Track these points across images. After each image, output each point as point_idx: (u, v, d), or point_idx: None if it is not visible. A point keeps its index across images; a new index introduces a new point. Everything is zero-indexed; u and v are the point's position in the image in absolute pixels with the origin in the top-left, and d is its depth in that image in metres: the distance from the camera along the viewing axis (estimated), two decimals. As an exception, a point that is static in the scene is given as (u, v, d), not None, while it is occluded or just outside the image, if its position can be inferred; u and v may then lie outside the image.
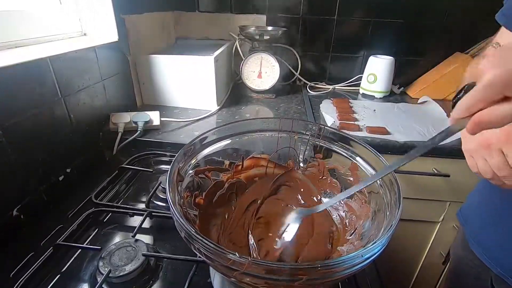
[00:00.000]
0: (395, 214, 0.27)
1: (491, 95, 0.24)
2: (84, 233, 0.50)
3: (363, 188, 0.36)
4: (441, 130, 0.28)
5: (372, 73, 1.15)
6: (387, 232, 0.25)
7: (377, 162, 0.36)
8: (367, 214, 0.35)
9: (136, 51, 0.90)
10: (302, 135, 0.43)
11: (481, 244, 0.54)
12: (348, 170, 0.40)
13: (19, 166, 0.52)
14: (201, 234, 0.24)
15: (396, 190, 0.30)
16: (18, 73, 0.51)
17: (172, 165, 0.32)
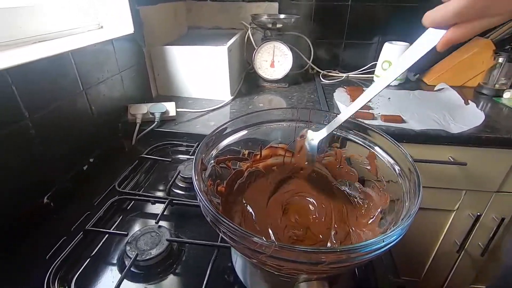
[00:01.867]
0: (414, 202, 0.28)
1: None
2: (110, 220, 0.53)
3: (382, 176, 0.37)
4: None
5: (387, 60, 1.13)
6: (407, 219, 0.26)
7: (395, 150, 0.37)
8: (385, 202, 0.36)
9: (151, 42, 0.91)
10: (319, 125, 0.44)
11: None
12: (365, 159, 0.40)
13: (47, 156, 0.55)
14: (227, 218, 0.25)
15: (416, 178, 0.31)
16: (43, 67, 0.53)
17: (196, 155, 0.34)
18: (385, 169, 0.37)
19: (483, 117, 0.83)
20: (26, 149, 0.50)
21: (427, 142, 0.82)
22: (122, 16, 0.78)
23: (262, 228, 0.38)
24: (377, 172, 0.39)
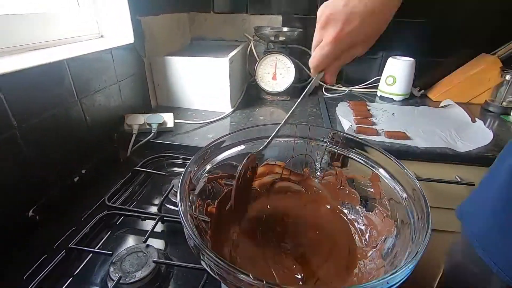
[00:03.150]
0: (423, 238, 0.25)
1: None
2: (96, 236, 0.50)
3: (385, 201, 0.34)
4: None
5: (391, 75, 1.11)
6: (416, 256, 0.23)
7: (401, 173, 0.34)
8: (389, 230, 0.33)
9: (151, 52, 0.90)
10: (319, 142, 0.41)
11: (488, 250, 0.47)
12: (368, 181, 0.38)
13: (36, 167, 0.52)
14: (212, 250, 0.23)
15: (424, 206, 0.28)
16: (36, 75, 0.51)
17: (184, 174, 0.31)
18: (390, 192, 0.34)
19: (491, 136, 0.80)
20: (13, 159, 0.48)
21: (433, 160, 0.78)
22: (122, 25, 0.77)
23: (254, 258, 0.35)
24: (381, 195, 0.36)
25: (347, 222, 0.39)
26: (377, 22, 0.32)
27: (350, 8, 0.31)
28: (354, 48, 0.34)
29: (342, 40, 0.32)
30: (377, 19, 0.32)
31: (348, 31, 0.31)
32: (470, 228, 0.50)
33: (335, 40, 0.32)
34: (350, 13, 0.31)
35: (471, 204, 0.55)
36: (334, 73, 0.37)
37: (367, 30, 0.32)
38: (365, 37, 0.33)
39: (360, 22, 0.31)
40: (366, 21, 0.31)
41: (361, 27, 0.31)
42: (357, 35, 0.32)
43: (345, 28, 0.31)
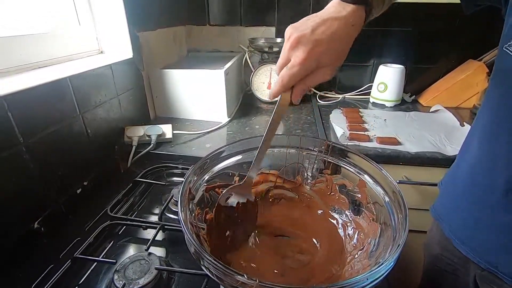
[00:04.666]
0: (401, 234, 0.28)
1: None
2: (100, 246, 0.52)
3: (371, 205, 0.36)
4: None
5: (382, 82, 1.15)
6: (393, 254, 0.25)
7: (385, 179, 0.37)
8: (375, 232, 0.35)
9: (149, 66, 0.93)
10: (310, 151, 0.44)
11: (465, 242, 0.51)
12: (356, 187, 0.40)
13: (41, 180, 0.55)
14: (210, 254, 0.25)
15: (402, 207, 0.30)
16: (41, 93, 0.54)
17: (183, 184, 0.34)
18: (374, 196, 0.37)
19: (478, 140, 0.83)
20: (19, 174, 0.51)
21: (424, 164, 0.81)
22: (121, 41, 0.80)
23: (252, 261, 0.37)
24: (367, 200, 0.38)
25: (337, 226, 0.41)
26: (340, 48, 0.36)
27: (318, 34, 0.34)
28: (320, 71, 0.36)
29: (309, 62, 0.35)
30: (340, 45, 0.36)
31: (315, 54, 0.34)
32: (446, 225, 0.54)
33: (303, 62, 0.34)
34: (317, 40, 0.34)
35: (443, 204, 0.58)
36: (300, 94, 0.38)
37: (332, 54, 0.35)
38: (330, 60, 0.36)
39: (326, 48, 0.35)
40: (331, 47, 0.35)
41: (326, 51, 0.35)
42: (323, 59, 0.35)
43: (313, 51, 0.34)
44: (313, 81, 0.37)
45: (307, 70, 0.35)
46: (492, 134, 0.44)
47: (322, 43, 0.34)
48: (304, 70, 0.35)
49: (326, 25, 0.35)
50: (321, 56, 0.35)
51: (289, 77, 0.35)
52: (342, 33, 0.35)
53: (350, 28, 0.36)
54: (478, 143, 0.47)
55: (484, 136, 0.46)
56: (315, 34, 0.34)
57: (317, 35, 0.34)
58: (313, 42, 0.34)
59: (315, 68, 0.36)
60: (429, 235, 0.66)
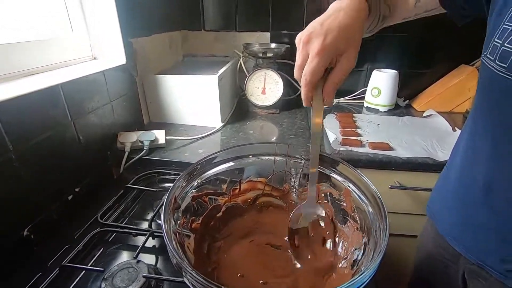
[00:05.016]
0: (382, 242, 0.28)
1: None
2: (89, 253, 0.52)
3: (356, 214, 0.37)
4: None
5: (376, 87, 1.15)
6: (375, 261, 0.25)
7: (367, 186, 0.37)
8: (358, 242, 0.35)
9: (144, 71, 0.94)
10: (297, 159, 0.44)
11: (456, 238, 0.52)
12: (342, 196, 0.40)
13: (31, 187, 0.55)
14: (193, 266, 0.25)
15: (383, 216, 0.31)
16: (32, 100, 0.54)
17: (168, 194, 0.34)
18: (359, 205, 0.37)
19: (468, 145, 0.84)
20: (9, 181, 0.51)
21: (415, 169, 0.82)
22: (114, 48, 0.81)
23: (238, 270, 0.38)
24: (352, 209, 0.39)
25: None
26: (352, 33, 0.37)
27: (326, 25, 0.36)
28: (341, 60, 0.37)
29: (327, 50, 0.35)
30: (351, 30, 0.37)
31: (330, 41, 0.35)
32: (440, 223, 0.56)
33: (321, 51, 0.35)
34: (327, 29, 0.36)
35: (435, 203, 0.59)
36: (332, 92, 0.37)
37: (345, 39, 0.36)
38: (345, 45, 0.36)
39: (337, 33, 0.36)
40: (342, 33, 0.36)
41: (339, 37, 0.36)
42: (338, 44, 0.36)
43: (327, 39, 0.35)
44: (340, 72, 0.37)
45: (327, 60, 0.36)
46: (473, 134, 0.46)
47: (333, 31, 0.36)
48: (324, 61, 0.35)
49: (331, 18, 0.37)
50: (336, 42, 0.35)
51: (312, 72, 0.35)
52: (348, 20, 0.37)
53: (355, 13, 0.38)
54: (464, 143, 0.49)
55: (469, 136, 0.48)
56: (324, 26, 0.36)
57: (326, 26, 0.36)
58: (324, 32, 0.35)
59: (335, 56, 0.36)
60: (423, 232, 0.67)
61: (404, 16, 0.54)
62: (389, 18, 0.52)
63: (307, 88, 0.37)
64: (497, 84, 0.38)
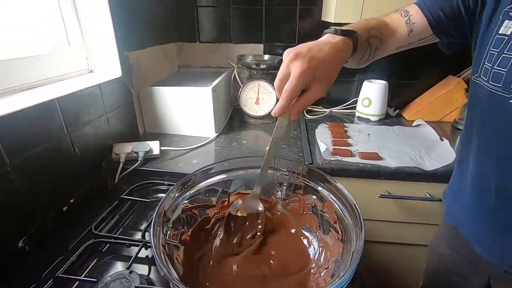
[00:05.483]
0: (358, 247, 0.30)
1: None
2: (83, 264, 0.53)
3: (337, 225, 0.39)
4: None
5: (366, 97, 1.18)
6: (352, 265, 0.27)
7: (348, 201, 0.39)
8: (339, 252, 0.37)
9: (139, 83, 0.96)
10: (284, 172, 0.46)
11: (484, 246, 0.54)
12: (325, 207, 0.42)
13: (27, 199, 0.56)
14: (177, 279, 0.27)
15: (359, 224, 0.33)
16: (28, 115, 0.56)
17: (158, 208, 0.36)
18: (340, 216, 0.39)
19: (454, 155, 0.86)
20: (5, 193, 0.52)
21: (404, 179, 0.84)
22: (110, 61, 0.83)
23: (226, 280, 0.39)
24: (334, 220, 0.41)
25: (307, 245, 0.44)
26: (331, 67, 0.42)
27: (312, 53, 0.40)
28: (314, 87, 0.41)
29: (307, 72, 0.39)
30: (331, 64, 0.42)
31: (311, 67, 0.39)
32: (466, 232, 0.57)
33: (302, 73, 0.39)
34: (312, 56, 0.40)
35: (458, 211, 0.61)
36: (299, 111, 0.42)
37: (325, 69, 0.41)
38: (322, 75, 0.41)
39: (319, 63, 0.40)
40: (324, 63, 0.41)
41: (319, 66, 0.40)
42: (317, 72, 0.40)
43: (309, 63, 0.39)
44: (309, 97, 0.41)
45: (305, 82, 0.40)
46: (477, 147, 0.50)
47: (316, 59, 0.40)
48: (303, 82, 0.39)
49: (318, 47, 0.41)
50: (316, 68, 0.40)
51: (291, 89, 0.39)
52: (332, 55, 0.41)
53: (338, 52, 0.42)
54: (471, 154, 0.52)
55: (475, 149, 0.51)
56: (311, 51, 0.40)
57: (312, 53, 0.40)
58: (309, 57, 0.39)
59: (311, 82, 0.40)
60: (437, 235, 0.69)
61: (397, 46, 0.58)
62: (380, 50, 0.56)
63: (285, 102, 0.40)
64: (495, 101, 0.43)
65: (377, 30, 0.53)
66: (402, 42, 0.57)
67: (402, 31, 0.55)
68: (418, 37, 0.56)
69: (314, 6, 1.18)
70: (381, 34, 0.54)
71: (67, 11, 0.75)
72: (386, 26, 0.55)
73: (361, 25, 0.51)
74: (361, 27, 0.50)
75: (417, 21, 0.54)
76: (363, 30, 0.50)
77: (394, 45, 0.57)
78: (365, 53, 0.53)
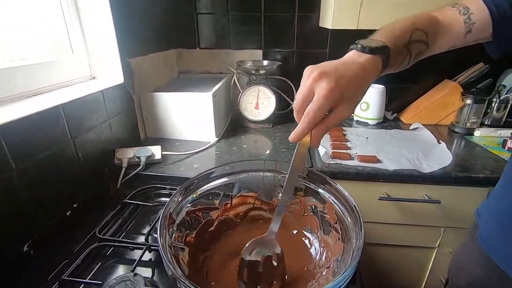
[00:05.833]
0: (358, 244, 0.31)
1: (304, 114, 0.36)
2: (88, 267, 0.54)
3: (338, 225, 0.40)
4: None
5: (364, 101, 1.20)
6: (352, 263, 0.28)
7: (348, 202, 0.40)
8: (339, 251, 0.38)
9: (140, 89, 0.98)
10: (284, 175, 0.47)
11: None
12: (325, 208, 0.44)
13: (31, 204, 0.57)
14: (186, 277, 0.28)
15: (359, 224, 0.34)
16: (34, 120, 0.57)
17: (164, 210, 0.37)
18: (340, 216, 0.40)
19: (451, 158, 0.88)
20: (10, 198, 0.53)
21: (402, 181, 0.85)
22: (113, 67, 0.84)
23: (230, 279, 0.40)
24: (335, 221, 0.42)
25: (308, 245, 0.45)
26: (359, 88, 0.38)
27: (340, 72, 0.36)
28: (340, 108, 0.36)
29: (334, 93, 0.35)
30: (359, 85, 0.38)
31: (339, 87, 0.35)
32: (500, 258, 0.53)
33: (329, 93, 0.34)
34: (340, 76, 0.36)
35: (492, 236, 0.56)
36: (321, 136, 0.37)
37: (353, 89, 0.37)
38: (349, 96, 0.36)
39: (347, 83, 0.36)
40: (351, 85, 0.36)
41: (347, 87, 0.36)
42: (344, 93, 0.36)
43: (336, 84, 0.35)
44: (334, 119, 0.37)
45: (331, 104, 0.35)
46: None
47: (344, 79, 0.36)
48: (329, 104, 0.35)
49: (346, 66, 0.37)
50: (343, 90, 0.35)
51: (315, 111, 0.35)
52: (359, 76, 0.37)
53: (367, 73, 0.38)
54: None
55: None
56: (338, 72, 0.36)
57: (340, 73, 0.36)
58: (336, 78, 0.35)
59: (337, 103, 0.36)
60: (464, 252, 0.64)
61: (449, 46, 0.51)
62: (426, 52, 0.49)
63: (306, 125, 0.36)
64: None
65: (423, 32, 0.46)
66: (456, 42, 0.50)
67: (459, 31, 0.47)
68: (475, 38, 0.48)
69: (312, 12, 1.20)
70: (428, 36, 0.46)
71: (71, 20, 0.77)
72: (437, 25, 0.47)
73: (401, 27, 0.44)
74: (400, 31, 0.44)
75: (478, 19, 0.46)
76: (401, 35, 0.44)
77: (445, 45, 0.50)
78: (403, 60, 0.46)
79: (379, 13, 0.93)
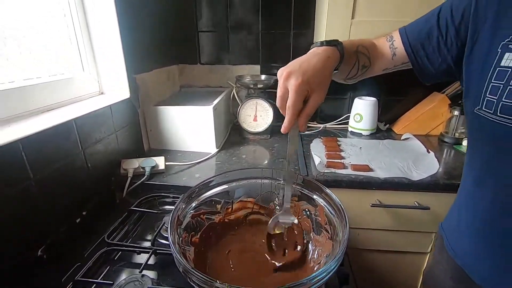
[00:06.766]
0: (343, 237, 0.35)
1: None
2: (98, 269, 0.58)
3: (328, 226, 0.44)
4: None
5: (358, 113, 1.26)
6: (332, 263, 0.33)
7: (336, 204, 0.45)
8: (329, 249, 0.43)
9: (145, 103, 1.03)
10: (280, 182, 0.52)
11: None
12: (317, 211, 0.48)
13: (45, 211, 0.62)
14: (191, 266, 0.32)
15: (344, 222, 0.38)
16: (50, 134, 0.62)
17: (173, 212, 0.42)
18: (330, 218, 0.45)
19: (437, 166, 0.93)
20: (27, 206, 0.57)
21: (393, 188, 0.90)
22: (120, 83, 0.90)
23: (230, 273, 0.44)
24: (325, 222, 0.46)
25: (295, 239, 0.49)
26: (323, 74, 0.46)
27: (303, 67, 0.45)
28: (312, 96, 0.44)
29: (302, 86, 0.43)
30: (322, 72, 0.46)
31: (304, 80, 0.43)
32: (474, 273, 0.54)
33: (298, 88, 0.42)
34: (304, 70, 0.44)
35: (466, 251, 0.57)
36: (305, 121, 0.45)
37: (318, 78, 0.45)
38: (317, 84, 0.44)
39: (311, 74, 0.44)
40: (316, 73, 0.45)
41: (312, 77, 0.44)
42: (311, 83, 0.44)
43: (302, 78, 0.43)
44: (312, 106, 0.45)
45: (303, 95, 0.43)
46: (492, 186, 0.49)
47: (308, 71, 0.44)
48: (301, 95, 0.43)
49: (308, 60, 0.46)
50: (309, 81, 0.43)
51: (293, 105, 0.43)
52: (321, 64, 0.46)
53: (326, 60, 0.47)
54: (491, 186, 0.50)
55: (492, 182, 0.49)
56: (302, 67, 0.45)
57: (303, 67, 0.44)
58: (301, 72, 0.43)
59: (308, 94, 0.44)
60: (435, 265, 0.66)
61: (383, 67, 0.61)
62: (369, 69, 0.60)
63: (291, 117, 0.44)
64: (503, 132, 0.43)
65: (365, 47, 0.57)
66: (387, 64, 0.60)
67: (387, 54, 0.58)
68: (402, 61, 0.58)
69: (306, 29, 1.28)
70: (369, 53, 0.57)
71: (82, 41, 0.83)
72: (373, 46, 0.59)
73: (348, 41, 0.55)
74: (348, 42, 0.54)
75: (398, 45, 0.57)
76: (349, 44, 0.54)
77: (380, 66, 0.60)
78: (353, 67, 0.57)
79: (367, 30, 1.00)
